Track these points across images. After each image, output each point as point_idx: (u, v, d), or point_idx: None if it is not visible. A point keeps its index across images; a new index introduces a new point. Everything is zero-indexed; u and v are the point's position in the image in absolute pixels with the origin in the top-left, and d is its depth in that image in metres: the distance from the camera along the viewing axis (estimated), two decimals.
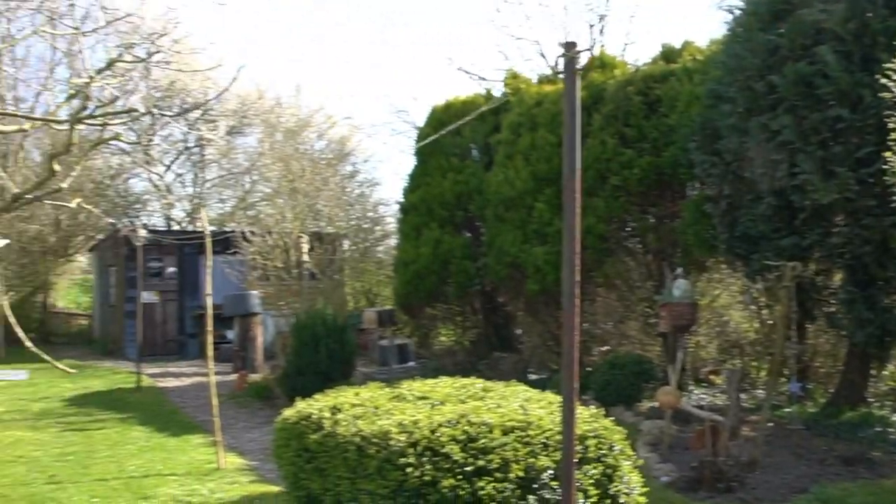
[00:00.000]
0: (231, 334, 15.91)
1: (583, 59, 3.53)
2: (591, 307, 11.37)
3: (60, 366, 15.47)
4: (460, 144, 14.00)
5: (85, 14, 12.44)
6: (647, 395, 9.83)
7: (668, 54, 11.30)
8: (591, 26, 20.73)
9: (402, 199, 14.99)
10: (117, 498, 6.89)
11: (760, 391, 10.07)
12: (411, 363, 15.48)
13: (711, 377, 10.68)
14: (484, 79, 23.27)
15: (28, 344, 17.08)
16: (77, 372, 15.26)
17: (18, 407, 11.68)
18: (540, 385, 11.76)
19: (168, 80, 19.41)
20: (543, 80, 13.55)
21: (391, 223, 22.00)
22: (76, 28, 6.00)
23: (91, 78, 6.51)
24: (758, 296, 10.07)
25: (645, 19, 33.97)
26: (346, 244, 19.58)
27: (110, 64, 9.39)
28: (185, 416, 11.03)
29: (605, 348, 11.88)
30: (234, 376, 13.85)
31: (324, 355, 11.14)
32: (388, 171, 46.71)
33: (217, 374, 14.57)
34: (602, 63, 12.15)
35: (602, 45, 20.59)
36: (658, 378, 9.97)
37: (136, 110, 7.05)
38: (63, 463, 8.23)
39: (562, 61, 3.75)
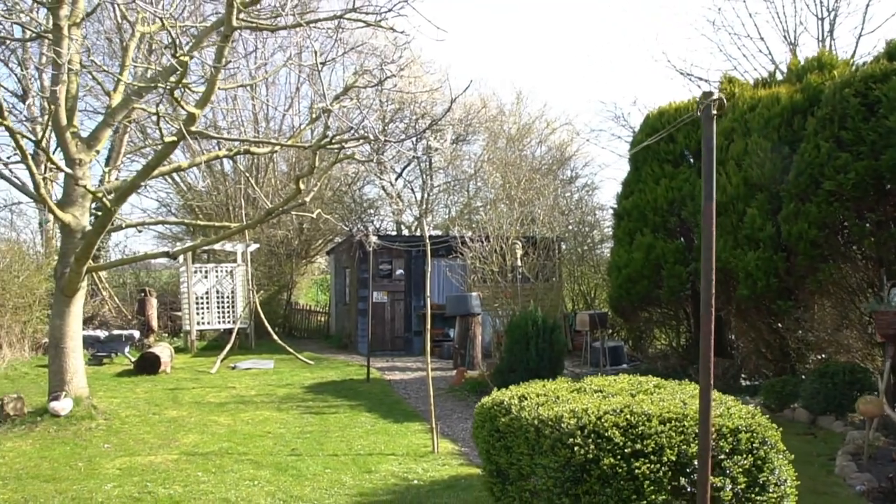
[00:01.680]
0: (453, 333, 16.94)
1: (717, 106, 3.91)
2: (805, 314, 11.10)
3: (302, 357, 17.54)
4: (673, 151, 14.04)
5: (325, 46, 14.11)
6: None
7: (894, 51, 10.76)
8: (821, 20, 19.89)
9: (616, 206, 15.28)
10: (346, 470, 7.81)
11: None
12: (624, 365, 15.78)
13: None
14: (707, 80, 22.99)
15: (275, 337, 19.39)
16: (315, 363, 17.21)
17: (267, 392, 13.24)
18: (750, 391, 11.72)
19: (399, 96, 21.10)
20: (759, 83, 13.32)
21: (609, 227, 22.31)
22: (317, 66, 7.11)
23: (328, 109, 7.61)
24: None
25: (887, 4, 31.30)
26: (563, 247, 20.17)
27: (347, 89, 10.69)
28: (407, 405, 11.96)
29: (821, 356, 11.55)
30: (453, 372, 14.89)
31: (533, 354, 11.81)
32: (607, 176, 46.63)
33: (439, 369, 15.82)
34: (820, 64, 11.76)
35: (833, 38, 19.74)
36: (875, 388, 9.65)
37: (367, 137, 8.09)
38: (302, 440, 9.32)
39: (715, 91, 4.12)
